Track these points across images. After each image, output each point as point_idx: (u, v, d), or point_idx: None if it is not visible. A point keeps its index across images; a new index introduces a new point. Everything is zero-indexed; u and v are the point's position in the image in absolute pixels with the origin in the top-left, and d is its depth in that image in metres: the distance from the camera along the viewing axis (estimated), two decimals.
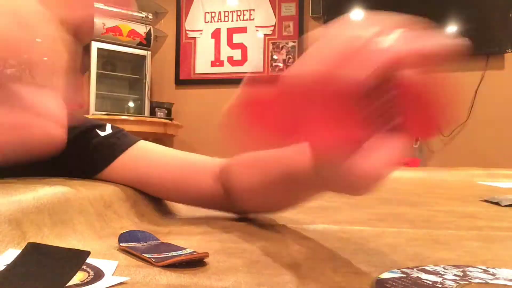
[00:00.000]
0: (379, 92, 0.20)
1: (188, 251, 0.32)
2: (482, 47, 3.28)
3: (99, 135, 0.53)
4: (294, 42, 3.69)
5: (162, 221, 0.47)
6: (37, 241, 0.30)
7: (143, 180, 0.51)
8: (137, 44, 3.48)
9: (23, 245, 0.28)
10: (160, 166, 0.52)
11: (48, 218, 0.32)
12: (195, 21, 3.90)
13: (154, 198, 0.51)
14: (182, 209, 0.55)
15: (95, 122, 0.57)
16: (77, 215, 0.35)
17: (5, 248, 0.27)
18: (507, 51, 3.23)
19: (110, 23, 3.34)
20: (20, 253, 0.24)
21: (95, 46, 3.29)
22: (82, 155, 0.51)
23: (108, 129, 0.55)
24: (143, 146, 0.55)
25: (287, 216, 0.55)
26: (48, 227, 0.31)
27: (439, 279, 0.27)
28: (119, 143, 0.53)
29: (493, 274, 0.28)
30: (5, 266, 0.23)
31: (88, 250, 0.25)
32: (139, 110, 3.62)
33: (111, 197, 0.41)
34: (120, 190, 0.44)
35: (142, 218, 0.44)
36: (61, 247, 0.27)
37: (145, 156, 0.53)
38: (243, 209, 0.50)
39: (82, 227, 0.35)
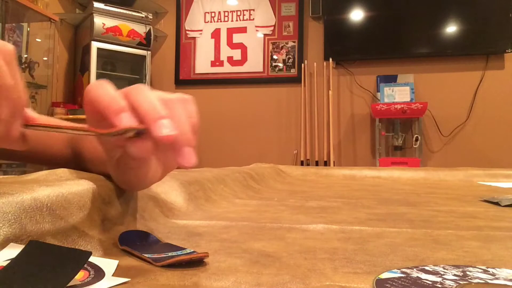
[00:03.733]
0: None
1: (188, 251, 0.32)
2: (482, 47, 3.29)
3: None
4: (294, 42, 3.69)
5: (162, 221, 0.47)
6: (38, 236, 0.30)
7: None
8: (137, 44, 3.48)
9: (24, 240, 0.28)
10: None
11: (47, 214, 0.32)
12: (195, 21, 3.90)
13: (153, 198, 0.51)
14: (181, 208, 0.55)
15: None
16: (77, 211, 0.35)
17: (5, 242, 0.27)
18: (507, 51, 3.23)
19: (110, 22, 3.34)
20: (22, 251, 0.24)
21: (95, 46, 3.30)
22: None
23: None
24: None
25: (287, 216, 0.55)
26: (49, 223, 0.32)
27: (439, 279, 0.27)
28: None
29: (493, 274, 0.28)
30: (7, 263, 0.23)
31: (90, 247, 0.25)
32: None
33: (110, 195, 0.41)
34: (119, 189, 0.44)
35: (143, 214, 0.44)
36: (63, 247, 0.27)
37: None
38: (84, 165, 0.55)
39: (83, 223, 0.35)
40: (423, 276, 0.28)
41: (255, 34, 3.78)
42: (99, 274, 0.27)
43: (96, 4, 3.28)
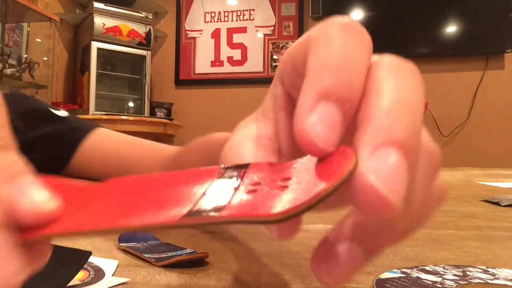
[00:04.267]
0: None
1: (188, 251, 0.32)
2: (482, 47, 3.29)
3: (54, 113, 0.59)
4: (294, 42, 3.69)
5: None
6: None
7: (109, 158, 0.56)
8: (137, 44, 3.47)
9: None
10: (122, 147, 0.58)
11: None
12: (195, 21, 3.90)
13: None
14: None
15: (47, 104, 0.63)
16: None
17: None
18: (507, 51, 3.23)
19: (110, 23, 3.34)
20: None
21: (95, 46, 3.29)
22: (51, 138, 0.57)
23: (63, 112, 0.61)
24: (105, 132, 0.61)
25: None
26: None
27: (439, 279, 0.27)
28: (81, 127, 0.59)
29: (493, 274, 0.28)
30: None
31: (90, 248, 0.25)
32: (139, 110, 3.62)
33: None
34: None
35: None
36: (63, 247, 0.27)
37: (110, 141, 0.59)
38: None
39: None
40: (423, 276, 0.28)
41: (255, 34, 3.78)
42: (99, 274, 0.27)
43: (96, 4, 3.28)
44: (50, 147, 0.56)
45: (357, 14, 3.48)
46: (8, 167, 0.14)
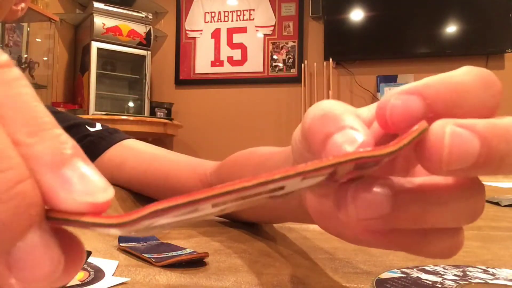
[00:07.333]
0: None
1: (188, 251, 0.32)
2: (482, 47, 3.29)
3: (88, 130, 0.55)
4: (294, 42, 3.69)
5: None
6: None
7: (128, 175, 0.52)
8: (137, 44, 3.47)
9: None
10: (146, 164, 0.53)
11: None
12: (195, 21, 3.90)
13: (153, 200, 0.51)
14: None
15: (85, 120, 0.59)
16: None
17: None
18: (507, 51, 3.23)
19: (110, 22, 3.34)
20: None
21: (95, 46, 3.29)
22: None
23: (98, 126, 0.57)
24: (132, 144, 0.57)
25: None
26: None
27: (439, 279, 0.27)
28: (108, 138, 0.56)
29: (493, 274, 0.28)
30: None
31: (90, 248, 0.25)
32: (139, 110, 3.62)
33: None
34: (120, 190, 0.44)
35: None
36: None
37: (133, 153, 0.55)
38: (235, 215, 0.47)
39: None
40: (423, 276, 0.28)
41: (255, 34, 3.78)
42: (99, 274, 0.27)
43: (96, 4, 3.28)
44: None
45: (357, 14, 3.48)
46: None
